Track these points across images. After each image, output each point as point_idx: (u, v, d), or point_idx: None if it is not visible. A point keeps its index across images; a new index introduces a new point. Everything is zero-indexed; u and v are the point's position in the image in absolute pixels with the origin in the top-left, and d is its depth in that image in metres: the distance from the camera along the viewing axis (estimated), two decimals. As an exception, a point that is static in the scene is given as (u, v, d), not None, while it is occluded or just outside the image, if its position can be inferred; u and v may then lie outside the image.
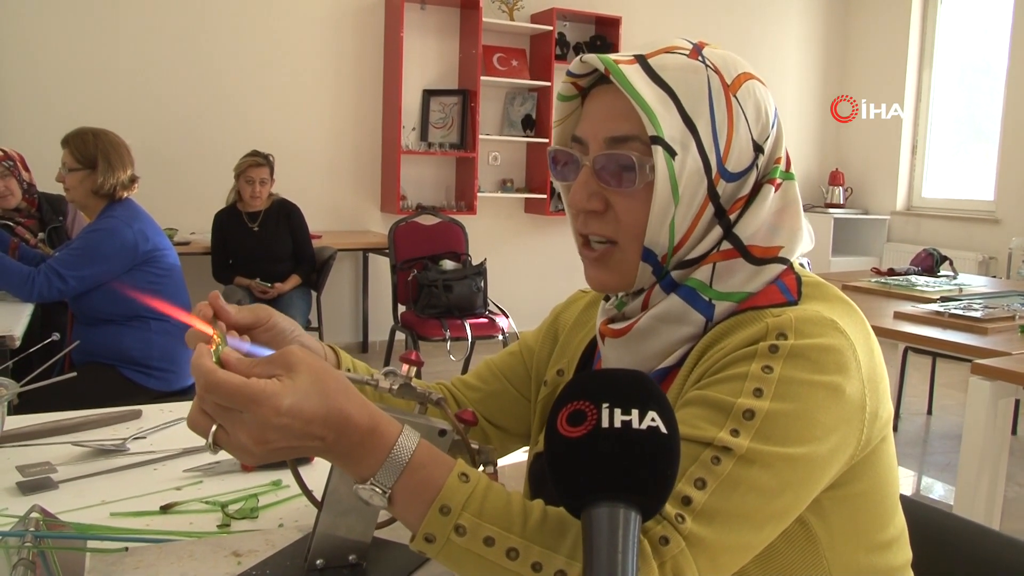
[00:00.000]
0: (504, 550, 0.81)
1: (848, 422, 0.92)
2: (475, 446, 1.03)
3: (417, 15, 6.61)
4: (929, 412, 5.41)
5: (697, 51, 1.01)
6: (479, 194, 6.80)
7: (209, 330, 0.88)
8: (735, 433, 0.86)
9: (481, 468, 1.02)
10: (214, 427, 0.80)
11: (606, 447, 0.68)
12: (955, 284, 4.40)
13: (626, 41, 7.13)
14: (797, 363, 0.90)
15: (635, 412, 0.69)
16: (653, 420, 0.69)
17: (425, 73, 6.74)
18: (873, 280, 4.40)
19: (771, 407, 0.88)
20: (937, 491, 4.14)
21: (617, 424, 0.68)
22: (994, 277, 6.25)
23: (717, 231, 1.01)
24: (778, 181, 1.03)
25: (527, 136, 7.06)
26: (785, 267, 1.02)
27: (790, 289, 1.01)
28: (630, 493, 0.67)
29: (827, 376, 0.90)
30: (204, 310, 0.95)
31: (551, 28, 6.84)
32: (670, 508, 0.83)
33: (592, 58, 1.00)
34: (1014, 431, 4.82)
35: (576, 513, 0.69)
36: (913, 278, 4.53)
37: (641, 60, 0.99)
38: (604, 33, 7.26)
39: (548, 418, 0.73)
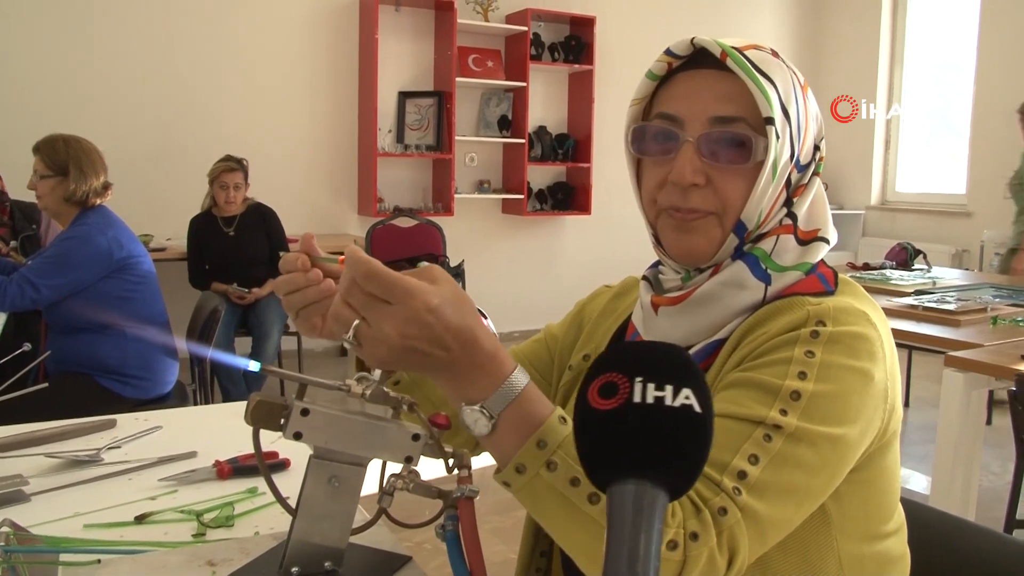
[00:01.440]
0: (587, 493, 0.84)
1: (875, 408, 0.98)
2: (448, 450, 1.03)
3: (391, 17, 6.60)
4: (907, 404, 5.45)
5: (776, 53, 1.09)
6: (456, 195, 6.80)
7: (329, 257, 0.97)
8: (784, 412, 0.92)
9: (455, 472, 1.03)
10: (357, 320, 0.83)
11: (636, 422, 0.65)
12: (929, 277, 4.43)
13: (601, 41, 7.14)
14: (835, 348, 0.96)
15: (669, 388, 0.66)
16: (688, 398, 0.66)
17: (400, 75, 6.73)
18: (848, 275, 4.41)
19: (815, 389, 0.93)
20: (916, 482, 4.17)
21: (649, 399, 0.66)
22: (967, 270, 6.30)
23: (783, 211, 1.09)
24: (820, 175, 1.13)
25: (503, 137, 7.06)
26: (828, 245, 1.11)
27: (828, 280, 1.09)
28: (659, 472, 0.65)
29: (860, 362, 0.97)
30: (302, 259, 0.98)
31: (526, 29, 6.85)
32: (728, 481, 0.87)
33: (709, 41, 1.05)
34: (989, 421, 4.86)
35: (602, 488, 0.67)
36: (888, 272, 4.57)
37: (738, 50, 1.05)
38: (579, 33, 7.27)
39: (579, 387, 0.71)
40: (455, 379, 0.86)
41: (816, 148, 1.11)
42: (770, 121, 1.02)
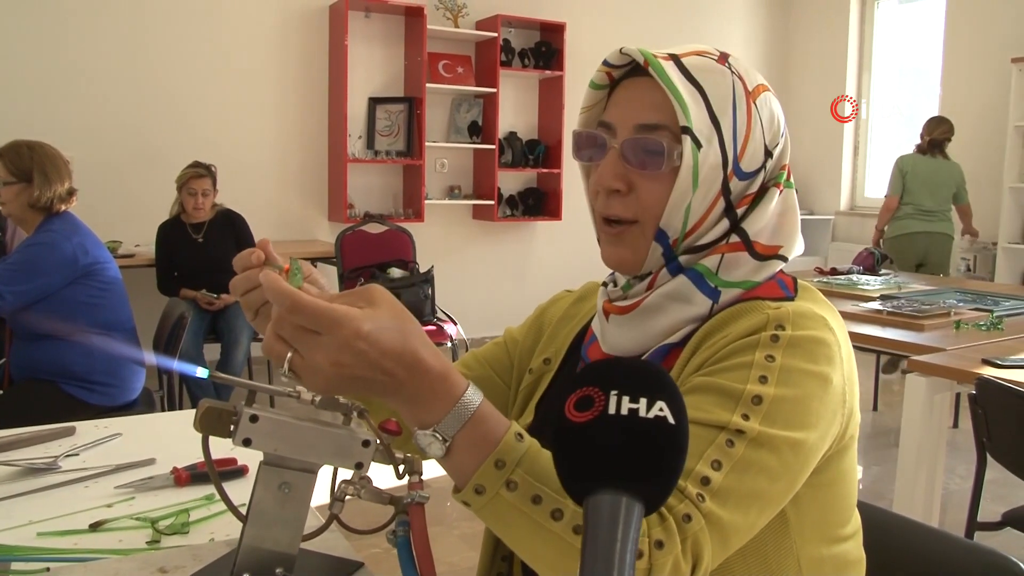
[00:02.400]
0: (550, 510, 0.83)
1: (834, 413, 0.99)
2: (399, 456, 1.03)
3: (361, 23, 6.60)
4: (875, 408, 5.49)
5: (724, 58, 1.10)
6: (426, 201, 6.79)
7: (282, 263, 0.97)
8: (746, 417, 0.92)
9: (406, 479, 1.03)
10: (290, 353, 0.81)
11: (611, 434, 0.67)
12: (894, 282, 4.48)
13: (571, 47, 7.17)
14: (795, 352, 0.97)
15: (643, 401, 0.67)
16: (661, 410, 0.67)
17: (370, 81, 6.73)
18: (816, 280, 4.47)
19: (776, 393, 0.94)
20: (882, 487, 4.20)
21: (624, 411, 0.67)
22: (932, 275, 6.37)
23: (725, 223, 1.08)
24: (781, 186, 1.12)
25: (474, 143, 7.07)
26: (783, 264, 1.11)
27: (788, 286, 1.10)
28: (633, 482, 0.65)
29: (819, 367, 0.98)
30: (256, 254, 1.02)
31: (496, 35, 6.86)
32: (691, 487, 0.87)
33: (633, 50, 1.06)
34: (956, 424, 4.91)
35: (578, 500, 0.68)
36: (855, 277, 4.61)
37: (675, 58, 1.07)
38: (549, 39, 7.29)
39: (557, 404, 0.72)
40: (405, 403, 0.85)
41: (768, 155, 1.10)
42: (686, 130, 1.02)
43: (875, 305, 3.63)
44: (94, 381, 3.12)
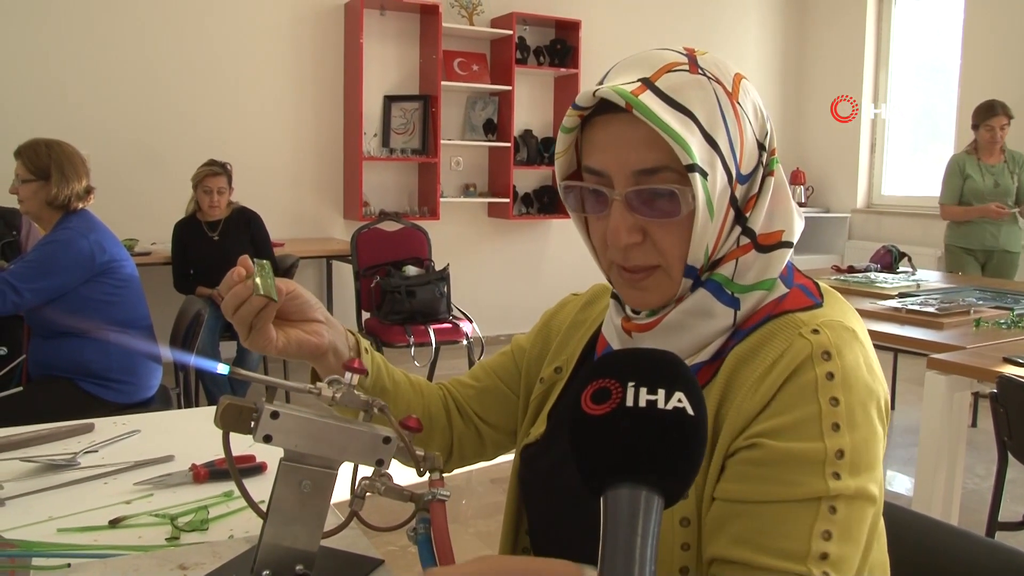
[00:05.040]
0: None
1: (883, 424, 0.97)
2: (420, 453, 1.02)
3: (377, 21, 6.60)
4: (892, 407, 5.44)
5: (694, 63, 1.00)
6: (442, 199, 6.80)
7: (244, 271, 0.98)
8: (837, 476, 0.89)
9: (426, 476, 1.02)
10: None
11: (629, 426, 0.66)
12: (913, 280, 4.45)
13: (586, 45, 7.16)
14: (852, 387, 0.93)
15: (661, 392, 0.66)
16: (680, 401, 0.66)
17: (386, 79, 6.73)
18: (833, 278, 4.44)
19: (852, 440, 0.91)
20: (901, 485, 4.18)
21: (642, 403, 0.66)
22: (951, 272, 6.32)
23: (737, 230, 1.03)
24: (774, 172, 1.05)
25: (489, 140, 7.07)
26: (791, 249, 1.05)
27: (812, 292, 1.05)
28: (653, 475, 0.64)
29: (872, 392, 0.95)
30: (237, 270, 1.00)
31: (511, 32, 6.86)
32: (815, 570, 0.86)
33: (609, 93, 0.95)
34: (974, 423, 4.88)
35: (597, 495, 0.66)
36: (872, 275, 4.58)
37: (649, 84, 0.97)
38: (564, 37, 7.28)
39: (574, 396, 0.70)
40: None
41: (761, 147, 1.03)
42: (692, 168, 0.94)
43: (893, 303, 3.61)
44: (111, 378, 3.13)
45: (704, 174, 0.95)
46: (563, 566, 0.74)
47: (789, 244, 1.05)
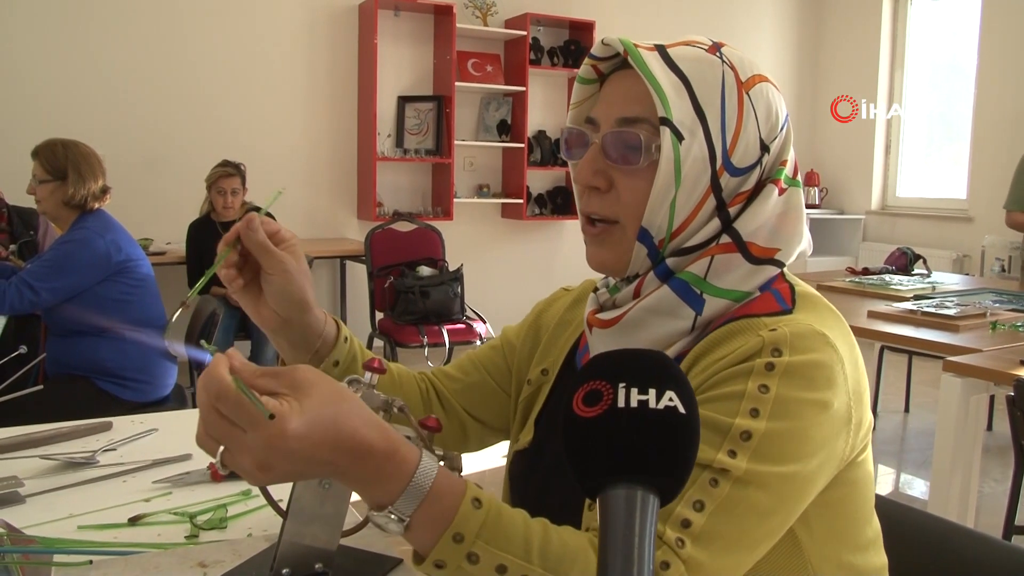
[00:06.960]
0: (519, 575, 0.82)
1: (836, 436, 0.94)
2: (439, 452, 1.02)
3: (391, 22, 6.61)
4: (906, 410, 5.44)
5: (716, 48, 1.04)
6: (455, 200, 6.80)
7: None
8: (732, 454, 0.88)
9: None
10: (221, 448, 0.76)
11: (621, 427, 0.65)
12: (928, 282, 4.43)
13: (600, 45, 7.14)
14: (792, 381, 0.91)
15: (652, 392, 0.66)
16: (671, 400, 0.66)
17: (400, 80, 6.74)
18: (848, 280, 4.43)
19: (767, 427, 0.89)
20: (915, 488, 4.17)
21: (633, 404, 0.66)
22: (967, 275, 6.30)
23: (716, 223, 1.02)
24: (782, 184, 1.04)
25: (503, 141, 7.07)
26: (779, 270, 1.04)
27: (784, 297, 1.02)
28: (647, 475, 0.64)
29: (818, 393, 0.92)
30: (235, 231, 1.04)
31: (525, 33, 6.86)
32: (670, 532, 0.84)
33: (613, 40, 1.02)
34: (990, 427, 4.86)
35: (592, 496, 0.66)
36: (887, 277, 4.57)
37: (660, 48, 1.02)
38: (578, 38, 7.28)
39: (565, 399, 0.70)
40: (355, 486, 0.81)
41: (765, 149, 1.03)
42: (665, 121, 0.97)
43: (908, 305, 3.60)
44: (127, 377, 3.15)
45: (679, 136, 0.97)
46: (383, 442, 0.79)
47: (779, 263, 1.04)
